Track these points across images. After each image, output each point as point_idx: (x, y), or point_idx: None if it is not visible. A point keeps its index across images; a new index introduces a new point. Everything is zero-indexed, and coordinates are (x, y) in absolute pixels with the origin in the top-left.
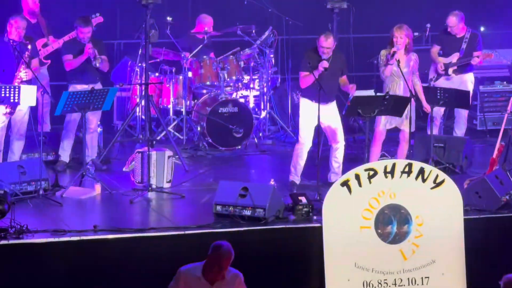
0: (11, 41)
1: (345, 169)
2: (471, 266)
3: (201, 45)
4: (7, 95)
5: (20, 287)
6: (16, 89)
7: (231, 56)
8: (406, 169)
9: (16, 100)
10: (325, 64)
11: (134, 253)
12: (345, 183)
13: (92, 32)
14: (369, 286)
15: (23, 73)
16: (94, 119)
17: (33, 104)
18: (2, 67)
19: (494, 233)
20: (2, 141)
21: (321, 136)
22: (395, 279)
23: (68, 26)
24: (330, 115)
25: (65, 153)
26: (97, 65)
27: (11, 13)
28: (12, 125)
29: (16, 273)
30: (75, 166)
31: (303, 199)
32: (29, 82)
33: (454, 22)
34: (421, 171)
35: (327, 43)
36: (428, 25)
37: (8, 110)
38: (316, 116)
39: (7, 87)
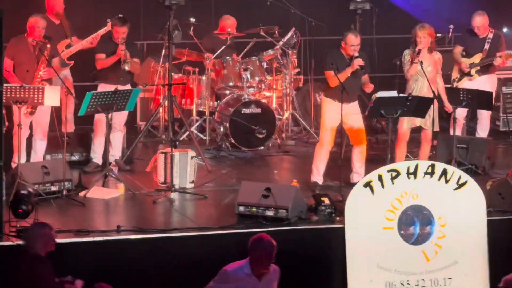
0: (31, 39)
1: (368, 170)
2: (494, 267)
3: (224, 46)
4: (31, 95)
5: None
6: (40, 90)
7: (254, 57)
8: (429, 170)
9: (40, 101)
10: (360, 61)
11: (157, 254)
12: (368, 184)
13: (127, 33)
14: (392, 287)
15: (42, 72)
16: (119, 119)
17: (57, 104)
18: (25, 67)
19: (508, 230)
20: (24, 140)
21: (343, 137)
22: (417, 280)
23: (91, 27)
24: (353, 115)
25: (96, 154)
26: (126, 68)
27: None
28: (34, 125)
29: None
30: (98, 166)
31: (326, 200)
32: (49, 81)
33: (480, 21)
34: (444, 172)
35: (357, 40)
36: (451, 26)
37: (29, 110)
38: (339, 116)
39: (31, 88)
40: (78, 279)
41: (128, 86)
